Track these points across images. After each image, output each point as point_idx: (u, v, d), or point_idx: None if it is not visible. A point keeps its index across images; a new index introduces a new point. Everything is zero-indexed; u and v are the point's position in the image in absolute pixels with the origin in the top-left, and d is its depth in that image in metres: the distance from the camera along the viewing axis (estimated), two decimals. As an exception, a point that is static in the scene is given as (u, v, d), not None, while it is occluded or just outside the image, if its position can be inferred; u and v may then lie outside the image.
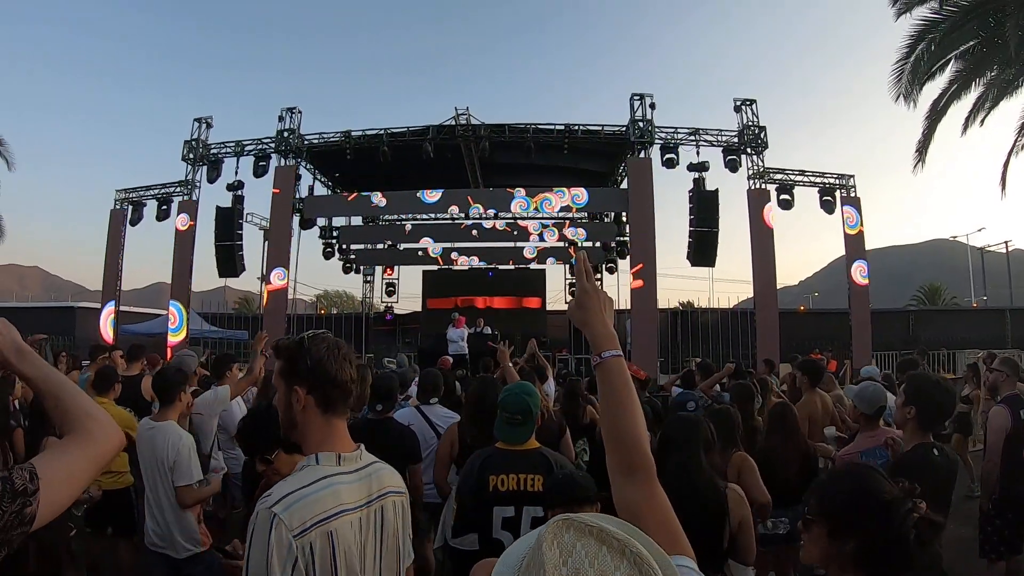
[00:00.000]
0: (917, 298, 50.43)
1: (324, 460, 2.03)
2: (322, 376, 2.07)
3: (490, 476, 3.45)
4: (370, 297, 30.86)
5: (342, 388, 2.10)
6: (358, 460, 2.12)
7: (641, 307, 18.67)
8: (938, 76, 16.23)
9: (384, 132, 20.33)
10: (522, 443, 3.59)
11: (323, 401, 2.08)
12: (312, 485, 1.94)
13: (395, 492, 2.21)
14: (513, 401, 3.59)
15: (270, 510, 1.85)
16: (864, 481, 1.98)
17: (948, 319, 30.58)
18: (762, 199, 19.22)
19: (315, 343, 2.12)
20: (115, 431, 1.64)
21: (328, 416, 2.09)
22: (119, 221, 22.24)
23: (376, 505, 2.10)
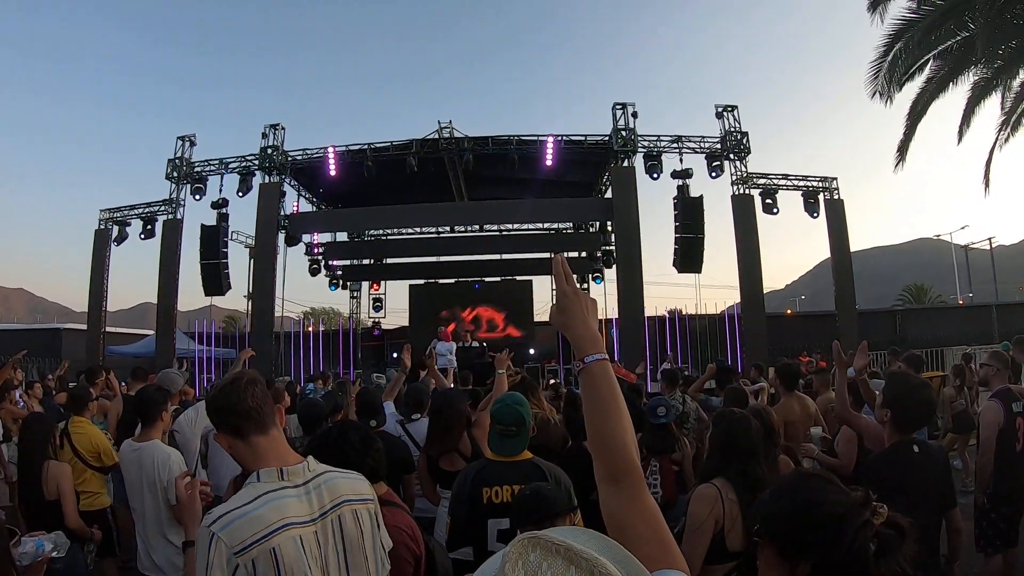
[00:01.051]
0: (903, 297, 50.65)
1: (265, 476, 2.03)
2: (214, 413, 2.16)
3: (484, 488, 3.43)
4: (357, 313, 30.79)
5: (233, 412, 2.11)
6: (305, 472, 2.10)
7: (628, 315, 18.69)
8: (917, 76, 16.33)
9: (368, 147, 20.32)
10: (516, 455, 3.57)
11: (232, 432, 2.12)
12: (253, 502, 1.94)
13: (354, 500, 2.16)
14: (506, 412, 3.58)
15: (208, 529, 1.87)
16: (809, 492, 1.74)
17: (935, 317, 30.74)
18: (746, 204, 19.28)
19: (211, 394, 2.27)
20: None
21: (248, 439, 2.11)
22: (104, 241, 22.13)
23: (331, 516, 2.07)
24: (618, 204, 19.34)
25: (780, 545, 1.72)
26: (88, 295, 22.41)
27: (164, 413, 4.45)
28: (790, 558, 1.69)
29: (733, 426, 3.56)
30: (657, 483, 5.31)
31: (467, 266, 26.71)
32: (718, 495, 3.35)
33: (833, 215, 19.79)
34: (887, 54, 15.88)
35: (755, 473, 3.41)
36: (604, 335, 12.19)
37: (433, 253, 27.22)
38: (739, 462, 3.44)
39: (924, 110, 16.28)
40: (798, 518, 1.69)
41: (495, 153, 19.84)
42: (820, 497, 1.69)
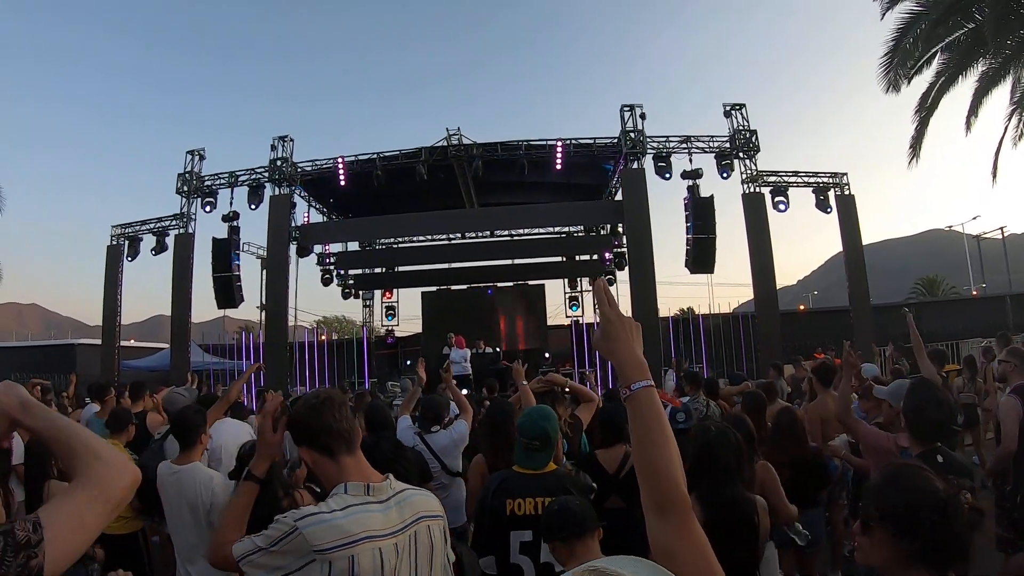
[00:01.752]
0: (916, 290, 50.36)
1: (352, 489, 2.14)
2: (307, 431, 2.24)
3: (507, 500, 3.43)
4: (370, 321, 30.82)
5: (327, 432, 2.22)
6: (388, 489, 2.22)
7: (642, 317, 18.61)
8: (925, 70, 16.31)
9: (377, 156, 20.32)
10: (540, 468, 3.57)
11: (323, 450, 2.22)
12: (339, 511, 2.05)
13: (429, 516, 2.28)
14: (530, 427, 3.58)
15: (294, 523, 1.99)
16: (920, 480, 2.01)
17: (949, 310, 30.53)
18: (757, 203, 19.23)
19: (295, 406, 2.35)
20: (125, 471, 1.59)
21: (337, 459, 2.22)
22: (116, 257, 22.22)
23: (410, 531, 2.17)
24: (629, 206, 19.29)
25: (895, 527, 1.95)
26: (102, 310, 22.49)
27: (203, 436, 4.46)
28: (905, 537, 1.93)
29: (709, 443, 3.55)
30: None
31: (479, 272, 26.70)
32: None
33: (845, 211, 19.71)
34: (896, 49, 15.85)
35: (727, 493, 3.43)
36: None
37: (445, 260, 27.22)
38: (711, 480, 3.44)
39: (935, 104, 16.23)
40: (915, 502, 1.95)
41: (504, 159, 19.80)
42: (928, 485, 1.98)
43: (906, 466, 2.20)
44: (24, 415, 1.61)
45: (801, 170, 20.04)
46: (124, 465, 1.60)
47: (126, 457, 1.63)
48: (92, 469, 1.54)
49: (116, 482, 1.56)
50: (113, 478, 1.56)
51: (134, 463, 1.65)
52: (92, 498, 1.51)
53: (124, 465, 1.60)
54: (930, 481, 2.00)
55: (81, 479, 1.54)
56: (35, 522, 1.38)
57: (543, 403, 5.20)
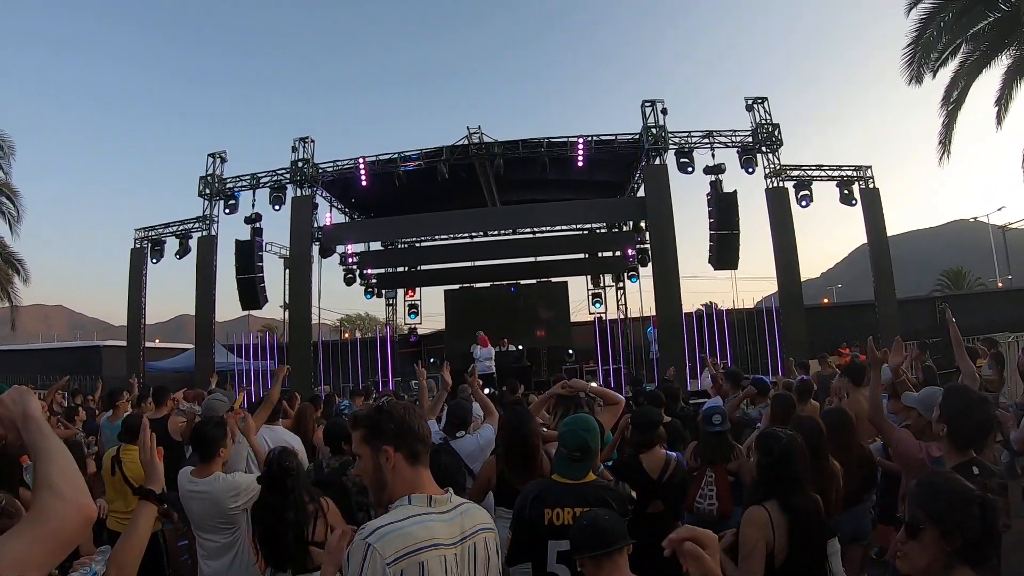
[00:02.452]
0: (942, 282, 49.88)
1: (416, 501, 2.21)
2: (407, 433, 2.29)
3: (545, 510, 3.42)
4: (393, 319, 30.88)
5: (424, 441, 2.34)
6: (449, 502, 2.28)
7: (665, 313, 18.58)
8: (950, 61, 16.14)
9: (398, 156, 20.41)
10: (580, 479, 3.55)
11: (411, 455, 2.29)
12: (405, 520, 2.12)
13: (485, 529, 2.35)
14: (571, 438, 3.57)
15: (365, 540, 2.03)
16: (958, 484, 2.18)
17: (975, 302, 30.19)
18: (781, 197, 19.11)
19: (393, 406, 2.37)
20: (76, 510, 1.58)
21: (416, 467, 2.30)
22: (140, 259, 22.46)
23: (469, 542, 2.25)
24: (651, 202, 19.24)
25: (943, 528, 2.09)
26: (126, 313, 22.72)
27: (223, 449, 4.48)
28: (950, 537, 2.07)
29: (784, 451, 3.53)
30: (713, 494, 5.22)
31: (502, 270, 26.67)
32: (768, 519, 3.37)
33: (869, 204, 19.54)
34: (919, 39, 15.71)
35: (801, 503, 3.42)
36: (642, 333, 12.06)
37: (467, 258, 27.19)
38: (786, 490, 3.43)
39: (962, 98, 16.07)
40: (958, 504, 2.09)
41: (525, 156, 19.79)
42: (967, 488, 2.14)
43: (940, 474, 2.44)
44: (24, 427, 1.69)
45: (825, 163, 19.90)
46: (78, 504, 1.59)
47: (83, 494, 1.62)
48: (45, 502, 1.55)
49: (66, 520, 1.55)
50: (64, 515, 1.55)
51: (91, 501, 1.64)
52: (39, 536, 1.50)
53: (78, 504, 1.59)
54: (965, 484, 2.17)
55: (32, 511, 1.56)
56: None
57: (564, 407, 5.18)
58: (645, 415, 5.05)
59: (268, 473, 3.84)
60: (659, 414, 5.34)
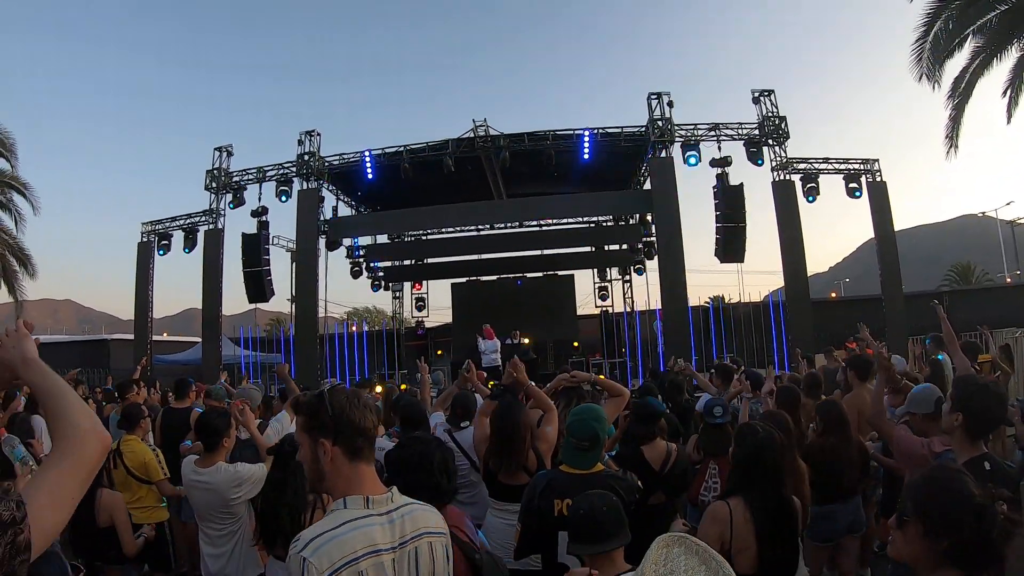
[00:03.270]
0: (950, 277, 49.74)
1: (352, 504, 2.08)
2: (346, 426, 2.13)
3: (555, 500, 3.44)
4: (400, 312, 30.96)
5: (365, 435, 2.16)
6: (389, 502, 2.15)
7: (671, 306, 18.56)
8: (957, 53, 16.05)
9: (404, 148, 20.41)
10: (588, 468, 3.57)
11: (350, 450, 2.13)
12: (340, 527, 2.00)
13: (431, 533, 2.21)
14: (581, 428, 3.59)
15: (299, 554, 1.94)
16: (958, 484, 2.06)
17: (983, 298, 30.08)
18: (787, 190, 19.05)
19: (334, 395, 2.18)
20: (94, 438, 1.63)
21: (356, 463, 2.14)
22: (147, 253, 22.49)
23: (410, 547, 2.12)
24: (657, 195, 19.19)
25: (928, 525, 2.03)
26: (134, 306, 22.79)
27: (226, 439, 4.54)
28: (935, 536, 2.01)
29: (757, 447, 3.52)
30: (717, 486, 5.20)
31: (508, 263, 26.74)
32: (728, 516, 3.37)
33: (876, 198, 19.43)
34: (927, 34, 15.63)
35: (776, 497, 3.43)
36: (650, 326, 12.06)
37: (474, 251, 27.27)
38: (761, 484, 3.43)
39: (969, 92, 15.97)
40: (950, 504, 2.02)
41: (531, 149, 19.76)
42: (966, 490, 2.02)
43: (947, 469, 2.29)
44: (25, 370, 1.70)
45: (831, 156, 19.81)
46: (95, 432, 1.64)
47: (97, 423, 1.66)
48: (68, 435, 1.60)
49: (88, 448, 1.60)
50: (85, 444, 1.60)
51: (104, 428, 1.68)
52: (64, 471, 1.55)
53: (95, 432, 1.64)
54: (967, 486, 2.05)
55: (57, 447, 1.61)
56: (18, 500, 1.41)
57: (567, 398, 5.18)
58: (647, 406, 5.04)
59: (279, 448, 3.89)
60: (660, 406, 5.32)
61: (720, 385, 8.00)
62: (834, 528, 5.06)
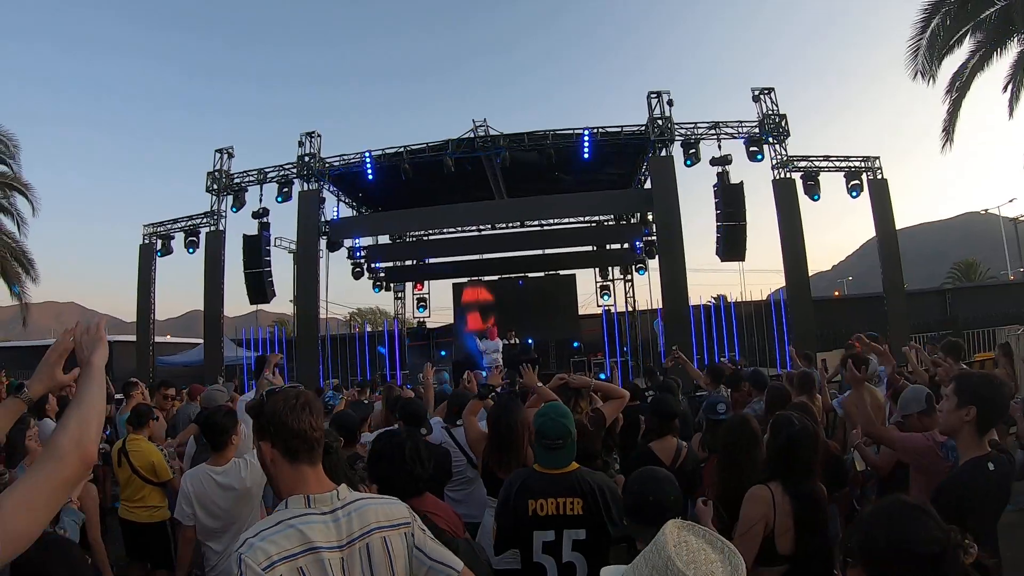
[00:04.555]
0: (953, 275, 49.63)
1: (292, 504, 2.07)
2: (279, 429, 2.13)
3: (529, 500, 3.41)
4: (402, 313, 30.97)
5: (301, 438, 2.13)
6: (334, 500, 2.12)
7: (672, 305, 18.55)
8: (956, 50, 16.05)
9: (404, 149, 20.41)
10: (562, 467, 3.53)
11: (287, 452, 2.13)
12: (275, 526, 2.00)
13: (384, 527, 2.16)
14: (551, 427, 3.53)
15: (237, 552, 1.95)
16: (912, 527, 1.79)
17: (986, 295, 30.07)
18: (788, 188, 19.04)
19: (273, 399, 2.18)
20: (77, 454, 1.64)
21: (296, 465, 2.14)
22: (149, 255, 22.52)
23: (359, 544, 2.08)
24: (658, 194, 19.18)
25: (873, 570, 1.80)
26: (136, 308, 22.83)
27: (234, 436, 4.56)
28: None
29: (793, 436, 3.50)
30: None
31: (510, 263, 26.77)
32: (771, 499, 3.36)
33: (877, 196, 19.43)
34: (924, 31, 15.63)
35: (810, 490, 3.42)
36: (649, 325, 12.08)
37: (475, 251, 27.29)
38: (797, 472, 3.42)
39: (967, 86, 16.00)
40: (896, 550, 1.76)
41: (531, 149, 19.76)
42: (920, 532, 1.76)
43: (902, 505, 1.92)
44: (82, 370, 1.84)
45: (832, 154, 19.80)
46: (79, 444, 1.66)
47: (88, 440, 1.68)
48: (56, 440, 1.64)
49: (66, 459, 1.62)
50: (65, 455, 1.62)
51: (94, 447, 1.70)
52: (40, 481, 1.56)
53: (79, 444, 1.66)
54: (927, 527, 1.78)
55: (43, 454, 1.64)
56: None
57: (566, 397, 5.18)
58: (666, 404, 5.04)
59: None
60: (677, 404, 5.32)
61: (709, 385, 7.98)
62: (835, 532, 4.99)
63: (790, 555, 3.32)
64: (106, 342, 1.90)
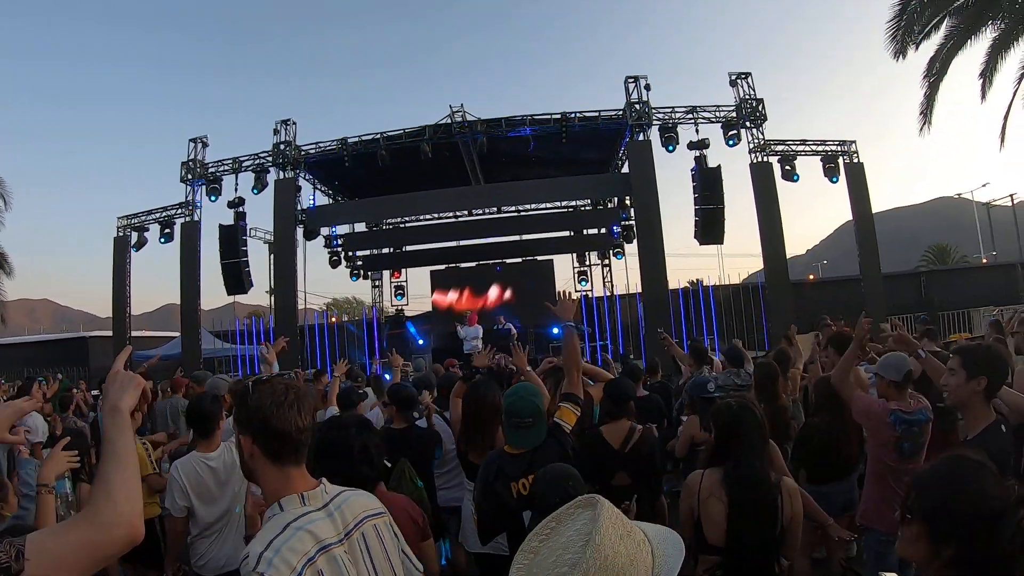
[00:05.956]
0: (927, 258, 50.04)
1: (288, 505, 1.95)
2: (262, 427, 1.97)
3: (511, 484, 3.39)
4: (380, 301, 30.86)
5: (285, 439, 1.98)
6: (323, 495, 2.04)
7: (651, 290, 18.59)
8: (933, 34, 16.13)
9: (381, 136, 20.29)
10: (535, 445, 3.49)
11: (269, 452, 1.98)
12: (283, 532, 1.87)
13: (373, 515, 2.14)
14: (521, 406, 3.50)
15: (255, 572, 1.77)
16: (973, 482, 1.77)
17: (959, 278, 30.39)
18: (765, 172, 19.11)
19: (259, 391, 2.02)
20: (127, 529, 1.54)
21: (280, 466, 2.00)
22: (123, 247, 22.31)
23: (356, 534, 2.03)
24: (636, 178, 19.23)
25: (933, 527, 1.77)
26: (112, 302, 22.58)
27: (221, 421, 4.56)
28: (939, 540, 1.75)
29: (733, 418, 3.45)
30: None
31: (487, 249, 26.70)
32: (697, 486, 3.34)
33: (854, 180, 19.57)
34: (903, 12, 15.70)
35: (751, 469, 3.33)
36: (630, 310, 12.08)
37: (452, 238, 27.17)
38: (736, 455, 3.36)
39: (944, 70, 16.09)
40: (961, 506, 1.74)
41: (509, 134, 19.74)
42: (984, 489, 1.74)
43: (964, 461, 1.89)
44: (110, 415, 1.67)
45: (809, 138, 19.90)
46: (130, 522, 1.55)
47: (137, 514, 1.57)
48: (100, 508, 1.52)
49: (114, 534, 1.51)
50: (112, 528, 1.51)
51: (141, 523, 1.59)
52: (84, 543, 1.47)
53: (130, 522, 1.55)
54: (987, 484, 1.76)
55: (87, 513, 1.52)
56: (20, 550, 1.35)
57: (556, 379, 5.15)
58: (619, 387, 4.99)
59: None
60: (631, 387, 5.24)
61: (692, 366, 7.95)
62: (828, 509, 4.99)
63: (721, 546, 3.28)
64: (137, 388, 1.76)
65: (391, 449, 5.05)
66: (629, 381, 5.48)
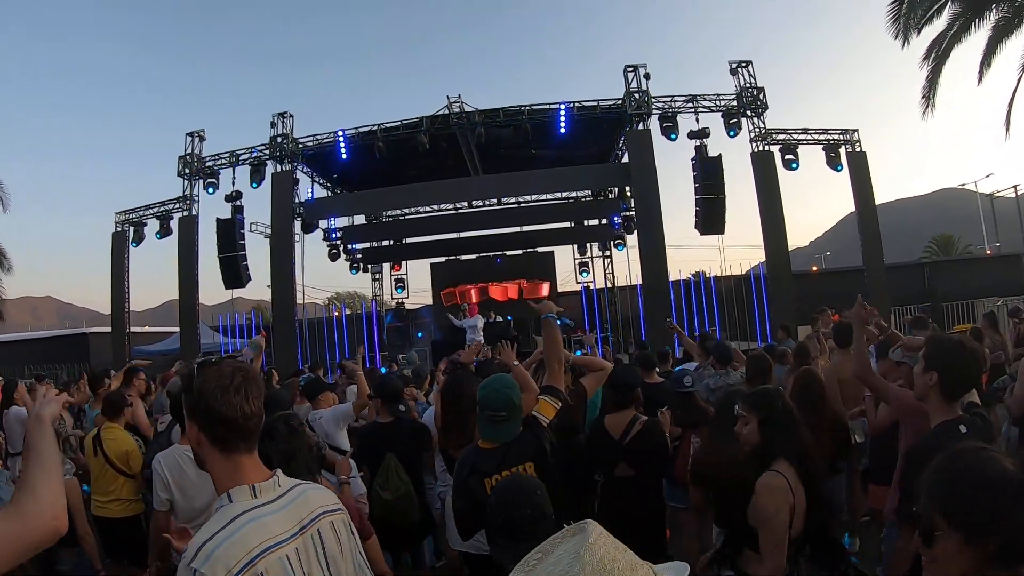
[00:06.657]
0: (930, 249, 49.94)
1: (237, 496, 1.85)
2: (206, 413, 1.86)
3: (484, 480, 3.25)
4: (380, 294, 30.80)
5: (231, 425, 1.86)
6: (276, 487, 1.93)
7: (652, 281, 18.47)
8: (936, 19, 15.97)
9: (378, 127, 20.17)
10: (508, 439, 3.36)
11: (215, 439, 1.88)
12: (228, 526, 1.76)
13: (329, 511, 2.02)
14: (495, 399, 3.35)
15: (190, 567, 1.68)
16: (984, 468, 1.66)
17: (963, 269, 30.36)
18: (767, 161, 18.95)
19: (204, 374, 1.90)
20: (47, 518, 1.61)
21: (229, 455, 1.89)
22: (122, 243, 22.33)
23: (311, 530, 1.93)
24: (636, 168, 19.09)
25: (967, 530, 1.62)
26: (111, 297, 22.52)
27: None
28: (978, 541, 1.61)
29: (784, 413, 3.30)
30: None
31: (487, 241, 26.55)
32: (788, 486, 3.10)
33: (856, 169, 19.46)
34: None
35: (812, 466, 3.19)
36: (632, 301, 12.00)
37: (452, 230, 27.08)
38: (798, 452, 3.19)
39: (947, 53, 15.93)
40: (988, 495, 1.61)
41: (507, 124, 19.61)
42: (998, 470, 1.64)
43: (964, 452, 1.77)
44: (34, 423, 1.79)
45: (811, 127, 19.78)
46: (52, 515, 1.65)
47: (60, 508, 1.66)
48: (25, 504, 1.63)
49: (37, 526, 1.61)
50: (36, 522, 1.61)
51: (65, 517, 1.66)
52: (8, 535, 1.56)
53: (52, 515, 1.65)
54: (998, 463, 1.66)
55: (10, 508, 1.63)
56: None
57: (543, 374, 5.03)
58: (621, 376, 4.84)
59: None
60: (636, 376, 5.09)
61: (701, 356, 7.85)
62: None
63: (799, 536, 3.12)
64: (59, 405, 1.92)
65: (377, 443, 4.95)
66: (634, 369, 5.36)
